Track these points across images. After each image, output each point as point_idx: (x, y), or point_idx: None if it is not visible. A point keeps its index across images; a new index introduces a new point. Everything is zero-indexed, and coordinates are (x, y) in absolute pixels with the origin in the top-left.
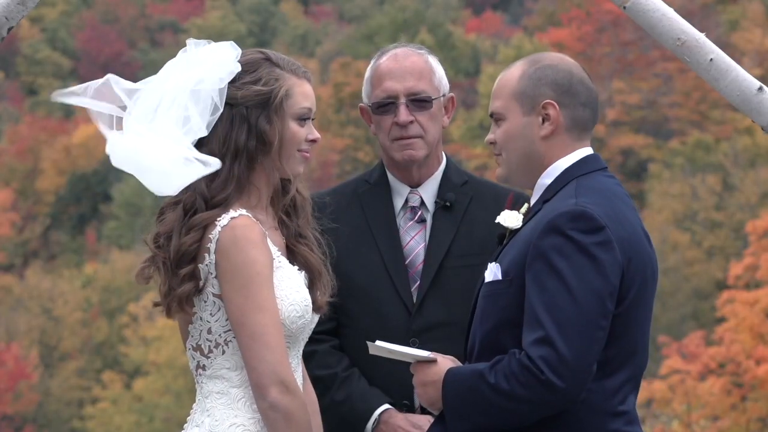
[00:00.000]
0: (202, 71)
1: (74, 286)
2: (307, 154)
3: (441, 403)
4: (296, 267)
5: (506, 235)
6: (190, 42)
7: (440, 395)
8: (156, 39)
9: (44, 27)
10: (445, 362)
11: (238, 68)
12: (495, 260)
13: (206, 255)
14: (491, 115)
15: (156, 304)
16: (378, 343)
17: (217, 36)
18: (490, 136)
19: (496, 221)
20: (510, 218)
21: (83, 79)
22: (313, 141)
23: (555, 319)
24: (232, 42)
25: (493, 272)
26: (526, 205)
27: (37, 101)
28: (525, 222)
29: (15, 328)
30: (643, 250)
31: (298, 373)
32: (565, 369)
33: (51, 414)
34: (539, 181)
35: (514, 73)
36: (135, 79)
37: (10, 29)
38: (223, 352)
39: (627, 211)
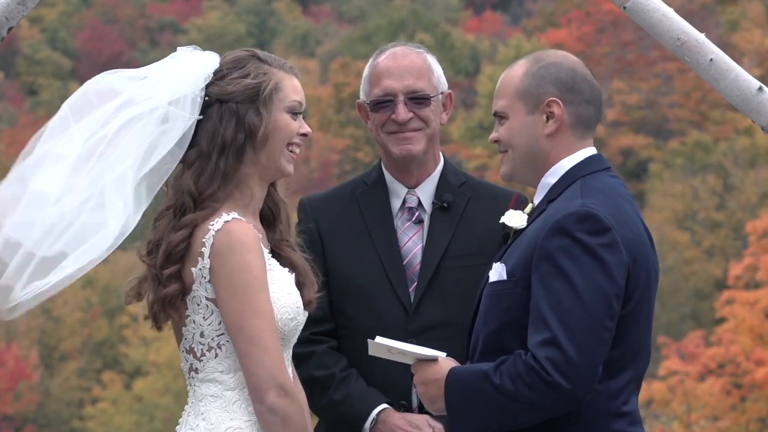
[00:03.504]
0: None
1: (74, 286)
2: (295, 156)
3: (442, 402)
4: (286, 269)
5: (511, 234)
6: (180, 49)
7: (442, 394)
8: (156, 39)
9: (44, 27)
10: (446, 361)
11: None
12: (500, 260)
13: (200, 259)
14: (495, 114)
15: (147, 317)
16: (378, 340)
17: (216, 36)
18: (494, 135)
19: (501, 221)
20: (515, 218)
21: (83, 79)
22: (305, 135)
23: (562, 320)
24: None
25: (498, 272)
26: (530, 205)
27: (37, 101)
28: (530, 222)
29: (15, 328)
30: (647, 251)
31: (289, 374)
32: (571, 370)
33: (51, 414)
34: (543, 180)
35: (517, 71)
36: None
37: (10, 29)
38: (216, 356)
39: (631, 212)
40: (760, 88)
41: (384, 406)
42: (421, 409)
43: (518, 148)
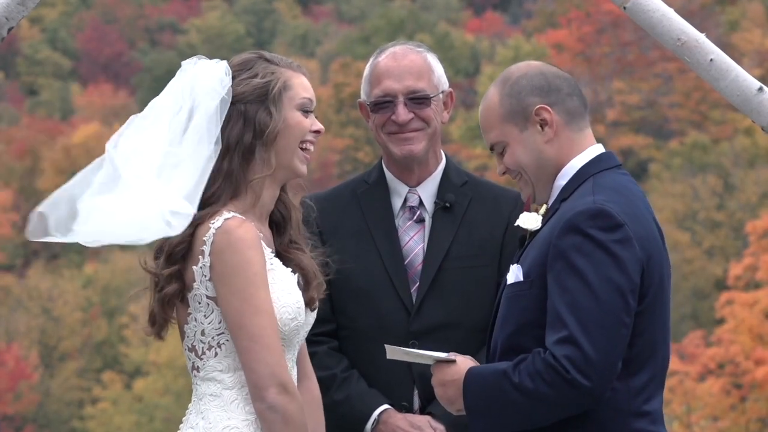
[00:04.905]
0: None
1: (75, 286)
2: (308, 155)
3: (461, 402)
4: (290, 269)
5: (527, 236)
6: (184, 63)
7: (460, 394)
8: (155, 39)
9: (44, 27)
10: (465, 362)
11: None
12: (516, 262)
13: (200, 257)
14: (491, 149)
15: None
16: (395, 347)
17: (215, 37)
18: (500, 168)
19: (516, 224)
20: (529, 220)
21: (83, 79)
22: (317, 132)
23: (578, 318)
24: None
25: (515, 274)
26: (545, 206)
27: (37, 101)
28: (544, 222)
29: (15, 328)
30: (660, 249)
31: (293, 375)
32: (590, 368)
33: (51, 414)
34: (555, 182)
35: (492, 100)
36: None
37: (10, 29)
38: (216, 354)
39: (644, 210)
40: (760, 88)
41: (385, 406)
42: (423, 410)
43: (528, 166)
